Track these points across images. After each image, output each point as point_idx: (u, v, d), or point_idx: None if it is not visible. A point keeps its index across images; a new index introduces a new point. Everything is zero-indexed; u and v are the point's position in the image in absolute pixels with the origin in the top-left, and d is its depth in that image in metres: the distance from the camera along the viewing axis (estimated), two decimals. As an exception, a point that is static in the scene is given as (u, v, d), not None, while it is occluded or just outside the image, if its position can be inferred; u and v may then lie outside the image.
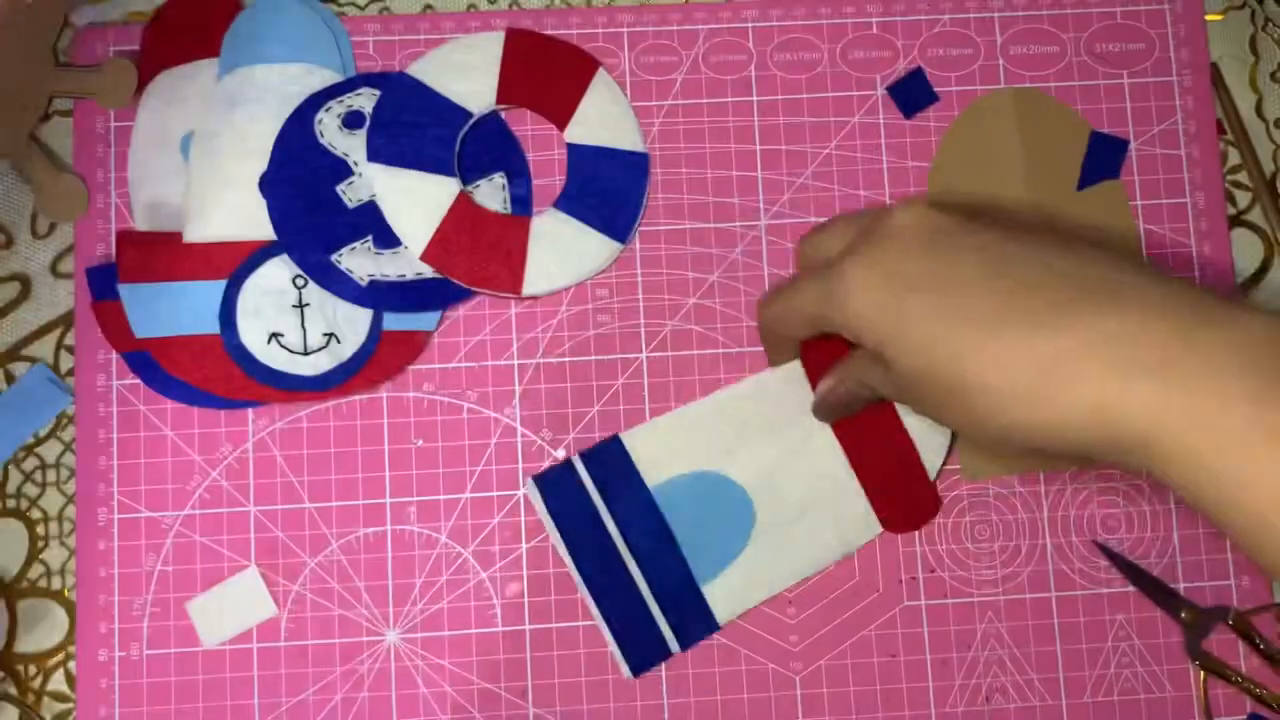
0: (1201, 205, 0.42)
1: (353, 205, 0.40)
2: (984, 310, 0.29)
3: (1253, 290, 0.43)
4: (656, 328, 0.41)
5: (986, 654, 0.40)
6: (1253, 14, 0.44)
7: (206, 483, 0.39)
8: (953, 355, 0.29)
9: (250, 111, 0.40)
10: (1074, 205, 0.42)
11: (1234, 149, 0.43)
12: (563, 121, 0.42)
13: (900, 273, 0.31)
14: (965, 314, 0.29)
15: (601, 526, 0.39)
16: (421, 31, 0.42)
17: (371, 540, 0.39)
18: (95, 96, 0.41)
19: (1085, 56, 0.43)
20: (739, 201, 0.42)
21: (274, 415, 0.40)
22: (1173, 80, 0.43)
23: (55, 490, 0.40)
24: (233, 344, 0.39)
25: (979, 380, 0.29)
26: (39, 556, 0.39)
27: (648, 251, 0.41)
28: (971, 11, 0.43)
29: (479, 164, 0.41)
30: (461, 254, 0.40)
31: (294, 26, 0.41)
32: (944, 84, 0.43)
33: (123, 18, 0.42)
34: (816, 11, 0.43)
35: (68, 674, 0.39)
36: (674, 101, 0.42)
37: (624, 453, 0.39)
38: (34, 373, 0.40)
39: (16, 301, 0.41)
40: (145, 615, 0.39)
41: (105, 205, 0.41)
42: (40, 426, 0.40)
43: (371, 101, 0.41)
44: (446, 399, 0.40)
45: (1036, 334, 0.28)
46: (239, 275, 0.40)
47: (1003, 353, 0.28)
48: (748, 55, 0.43)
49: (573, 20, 0.42)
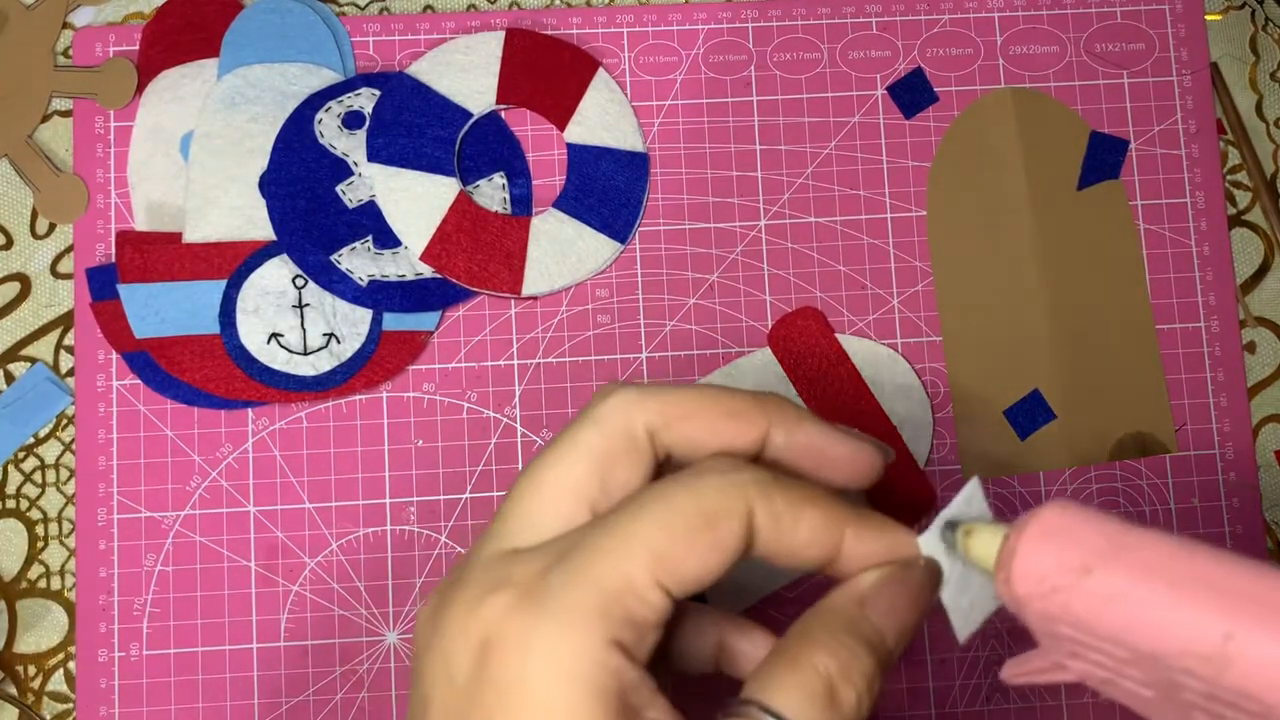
0: (1201, 205, 0.42)
1: (352, 205, 0.40)
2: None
3: (1253, 290, 0.42)
4: (656, 328, 0.41)
5: (986, 654, 0.40)
6: (1253, 14, 0.44)
7: (206, 483, 0.39)
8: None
9: (250, 111, 0.40)
10: (1074, 205, 0.42)
11: (1234, 149, 0.43)
12: (562, 121, 0.42)
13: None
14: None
15: None
16: (421, 31, 0.42)
17: (371, 540, 0.39)
18: (95, 96, 0.41)
19: (1085, 56, 0.43)
20: (739, 201, 0.42)
21: (274, 415, 0.40)
22: (1173, 80, 0.43)
23: (55, 490, 0.40)
24: (232, 344, 0.39)
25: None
26: (39, 557, 0.39)
27: (648, 251, 0.41)
28: (971, 11, 0.43)
29: (479, 164, 0.41)
30: (461, 254, 0.40)
31: (294, 26, 0.41)
32: (944, 84, 0.43)
33: (122, 18, 0.42)
34: (816, 11, 0.43)
35: (67, 674, 0.39)
36: (674, 101, 0.42)
37: None
38: (33, 373, 0.40)
39: (16, 302, 0.41)
40: (145, 615, 0.39)
41: (105, 205, 0.41)
42: (40, 427, 0.40)
43: (371, 101, 0.41)
44: (446, 399, 0.40)
45: None
46: (239, 275, 0.40)
47: None
48: (747, 55, 0.43)
49: (573, 20, 0.42)
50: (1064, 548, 0.22)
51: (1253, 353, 0.42)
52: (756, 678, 0.24)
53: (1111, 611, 0.21)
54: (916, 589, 0.26)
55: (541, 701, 0.23)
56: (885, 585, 0.26)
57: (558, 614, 0.23)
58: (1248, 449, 0.41)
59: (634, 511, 0.25)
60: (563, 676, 0.23)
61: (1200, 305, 0.42)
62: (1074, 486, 0.41)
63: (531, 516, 0.26)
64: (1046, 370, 0.41)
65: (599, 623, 0.23)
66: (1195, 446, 0.41)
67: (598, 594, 0.23)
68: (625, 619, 0.23)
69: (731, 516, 0.24)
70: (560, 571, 0.24)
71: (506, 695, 0.23)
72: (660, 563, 0.24)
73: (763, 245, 0.41)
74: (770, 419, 0.27)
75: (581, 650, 0.23)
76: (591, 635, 0.23)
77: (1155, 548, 0.22)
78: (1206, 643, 0.20)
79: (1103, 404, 0.41)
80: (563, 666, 0.23)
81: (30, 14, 0.42)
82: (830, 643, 0.25)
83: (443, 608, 0.25)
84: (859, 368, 0.40)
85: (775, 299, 0.41)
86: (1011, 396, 0.41)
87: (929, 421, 0.40)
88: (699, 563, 0.24)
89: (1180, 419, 0.41)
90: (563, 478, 0.26)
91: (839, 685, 0.24)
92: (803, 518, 0.25)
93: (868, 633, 0.25)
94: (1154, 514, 0.41)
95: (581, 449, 0.26)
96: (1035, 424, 0.41)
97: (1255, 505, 0.41)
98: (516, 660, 0.23)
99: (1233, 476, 0.41)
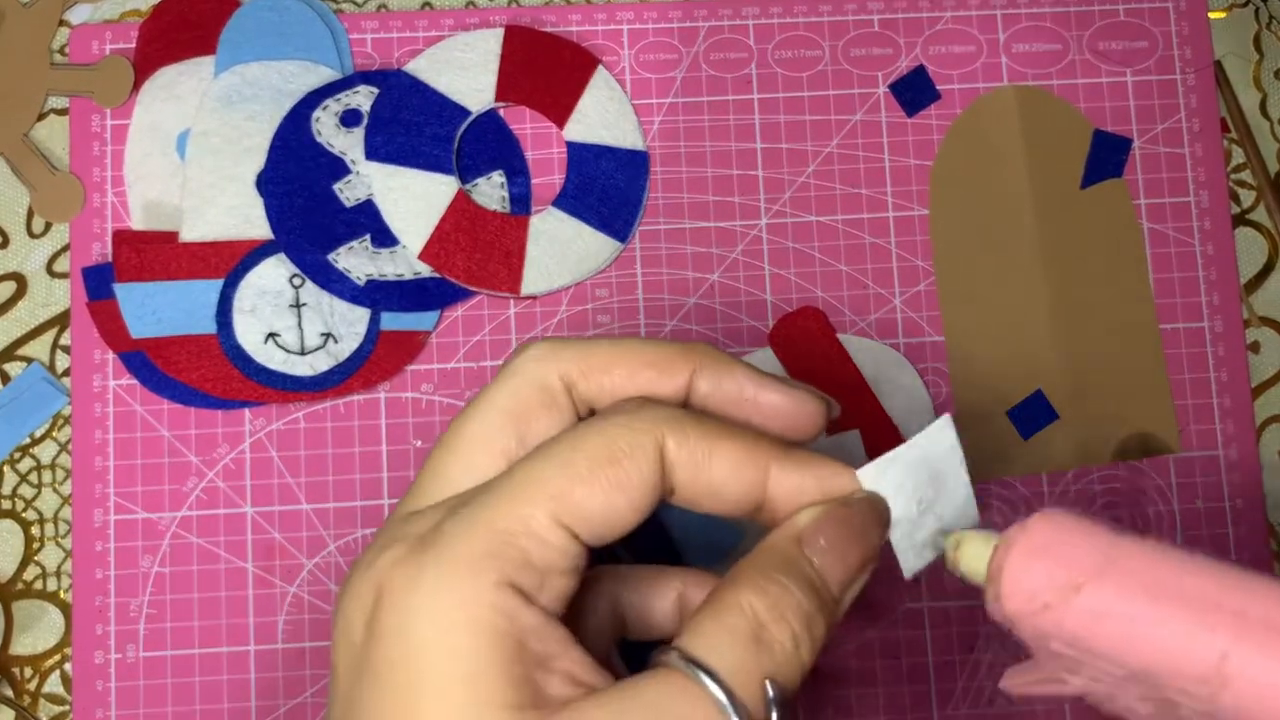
0: (1205, 204, 0.42)
1: (350, 204, 0.40)
2: None
3: (1257, 290, 0.42)
4: (656, 328, 0.41)
5: (990, 656, 0.39)
6: (1257, 12, 0.44)
7: (203, 484, 0.39)
8: None
9: (247, 110, 0.40)
10: (1077, 204, 0.42)
11: (1238, 147, 0.43)
12: (562, 119, 0.41)
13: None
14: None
15: None
16: (420, 29, 0.42)
17: (370, 542, 0.39)
18: (91, 95, 0.41)
19: (1088, 54, 0.43)
20: (739, 200, 0.41)
21: (271, 416, 0.40)
22: (1176, 78, 0.43)
23: (51, 491, 0.40)
24: (229, 344, 0.39)
25: None
26: (34, 558, 0.39)
27: (647, 251, 0.41)
28: (974, 9, 0.43)
29: (477, 162, 0.41)
30: (460, 253, 0.40)
31: (291, 24, 0.41)
32: (946, 82, 0.42)
33: (119, 15, 0.42)
34: (817, 8, 0.43)
35: (64, 676, 0.39)
36: (674, 99, 0.42)
37: None
38: (29, 373, 0.40)
39: (12, 301, 0.40)
40: (142, 617, 0.38)
41: (101, 204, 0.40)
42: (36, 427, 0.40)
43: (369, 99, 0.41)
44: (445, 399, 0.40)
45: None
46: (235, 275, 0.39)
47: None
48: (748, 53, 0.42)
49: (572, 17, 0.42)
50: (1053, 564, 0.22)
51: (1257, 353, 0.42)
52: (686, 624, 0.23)
53: (1103, 629, 0.21)
54: (859, 525, 0.25)
55: (428, 649, 0.22)
56: (823, 521, 0.24)
57: (443, 560, 0.22)
58: (1251, 450, 0.41)
59: (537, 455, 0.24)
60: (445, 620, 0.22)
61: (1204, 305, 0.42)
62: (1077, 487, 0.40)
63: (447, 473, 0.25)
64: (1049, 370, 0.41)
65: (488, 564, 0.22)
66: (1198, 447, 0.41)
67: (488, 537, 0.23)
68: (520, 561, 0.22)
69: (636, 451, 0.23)
70: (454, 520, 0.23)
71: (392, 645, 0.22)
72: (560, 503, 0.23)
73: (764, 244, 0.41)
74: (696, 367, 0.26)
75: (468, 594, 0.22)
76: (479, 578, 0.22)
77: (1148, 561, 0.21)
78: (1202, 663, 0.20)
79: (1106, 404, 0.41)
80: (446, 610, 0.22)
81: (26, 11, 0.41)
82: (759, 580, 0.23)
83: (349, 575, 0.25)
84: (860, 368, 0.40)
85: (776, 298, 0.41)
86: (1014, 397, 0.41)
87: (926, 417, 0.40)
88: (604, 502, 0.23)
89: (1183, 420, 0.41)
90: (476, 434, 0.25)
91: (768, 624, 0.23)
92: (718, 451, 0.24)
93: (805, 571, 0.24)
94: (1157, 515, 0.40)
95: (496, 403, 0.26)
96: (1038, 424, 0.41)
97: (1259, 507, 0.41)
98: (401, 609, 0.22)
99: (1236, 478, 0.41)
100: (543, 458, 0.24)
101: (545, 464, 0.24)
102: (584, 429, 0.24)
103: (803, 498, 0.25)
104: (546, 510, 0.23)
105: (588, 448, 0.23)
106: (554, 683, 0.22)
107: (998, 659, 0.39)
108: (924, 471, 0.26)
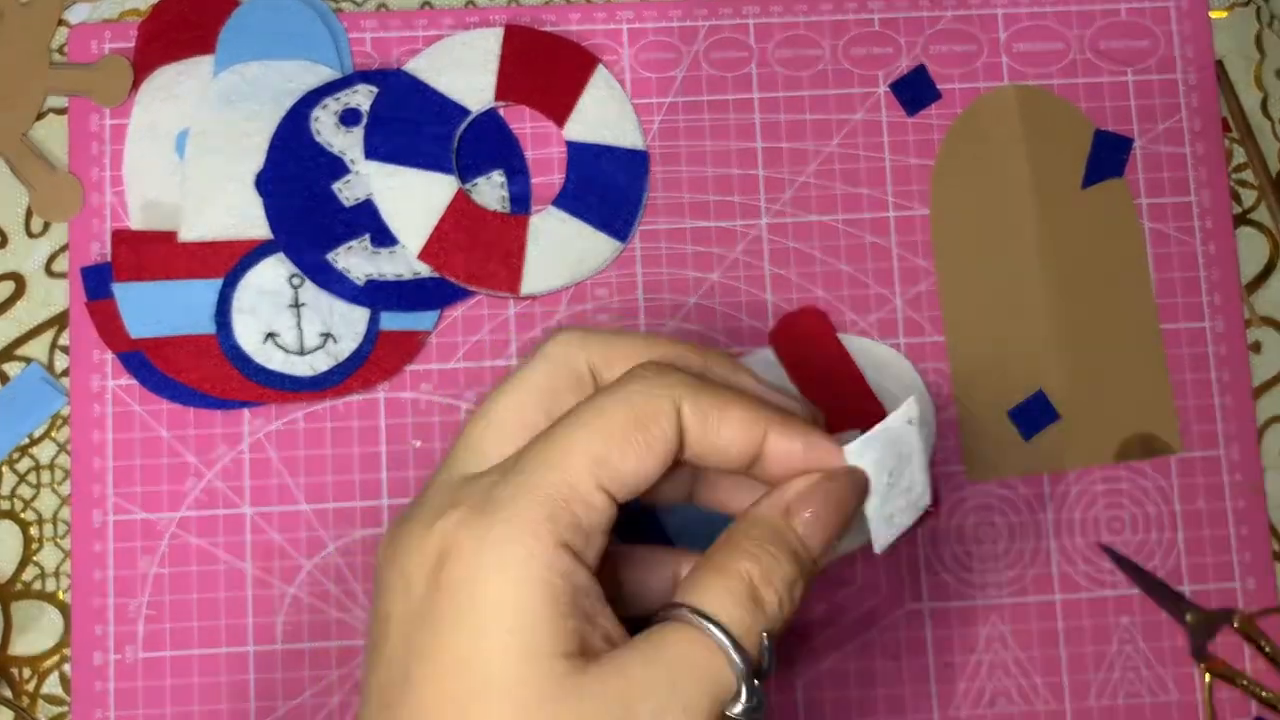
0: (1206, 204, 0.42)
1: (349, 204, 0.40)
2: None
3: (1258, 290, 0.42)
4: (656, 328, 0.41)
5: (990, 657, 0.39)
6: (1258, 11, 0.44)
7: (202, 484, 0.39)
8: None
9: (246, 109, 0.40)
10: (1078, 204, 0.42)
11: (1239, 147, 0.43)
12: (562, 119, 0.41)
13: None
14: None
15: None
16: (419, 28, 0.42)
17: (369, 542, 0.39)
18: (90, 94, 0.41)
19: (1089, 54, 0.43)
20: (740, 200, 0.41)
21: (270, 416, 0.40)
22: (1177, 78, 0.43)
23: (50, 492, 0.39)
24: (228, 344, 0.39)
25: None
26: (33, 559, 0.39)
27: (648, 251, 0.41)
28: (975, 8, 0.43)
29: (477, 162, 0.41)
30: (459, 253, 0.40)
31: (290, 23, 0.41)
32: (947, 81, 0.42)
33: (118, 14, 0.42)
34: (818, 8, 0.43)
35: (62, 677, 0.39)
36: (674, 99, 0.42)
37: None
38: (28, 373, 0.40)
39: (10, 301, 0.40)
40: (140, 618, 0.38)
41: (100, 204, 0.40)
42: (34, 427, 0.40)
43: (368, 99, 0.40)
44: (444, 400, 0.40)
45: None
46: (234, 274, 0.39)
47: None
48: (749, 52, 0.42)
49: (572, 16, 0.42)
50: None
51: (1258, 353, 0.42)
52: (686, 584, 0.26)
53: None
54: (841, 498, 0.28)
55: (494, 601, 0.24)
56: (809, 494, 0.27)
57: (507, 521, 0.25)
58: (1253, 450, 0.41)
59: (571, 422, 0.26)
60: (513, 577, 0.24)
61: (1205, 305, 0.42)
62: (1078, 488, 0.40)
63: (483, 445, 0.28)
64: (1050, 370, 0.41)
65: (547, 527, 0.25)
66: (1200, 447, 0.41)
67: (544, 500, 0.25)
68: (572, 523, 0.25)
69: (660, 416, 0.26)
70: (506, 485, 0.26)
71: (460, 598, 0.25)
72: (600, 466, 0.26)
73: (764, 244, 0.41)
74: (706, 366, 0.29)
75: (531, 553, 0.25)
76: (541, 539, 0.25)
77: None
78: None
79: (1107, 404, 0.41)
80: (513, 568, 0.25)
81: (25, 10, 0.41)
82: (754, 549, 0.26)
83: (399, 533, 0.27)
84: (861, 368, 0.40)
85: (777, 298, 0.41)
86: (1015, 397, 0.41)
87: (932, 422, 0.40)
88: (636, 463, 0.26)
89: (1185, 420, 0.41)
90: (511, 409, 0.28)
91: (761, 588, 0.26)
92: (727, 415, 0.27)
93: (791, 541, 0.27)
94: (1158, 515, 0.40)
95: (529, 383, 0.28)
96: (1039, 425, 0.41)
97: (1260, 507, 0.41)
98: (470, 565, 0.25)
99: (1238, 478, 0.41)
100: (579, 424, 0.26)
101: (582, 430, 0.26)
102: (608, 397, 0.27)
103: (792, 460, 0.28)
104: (589, 473, 0.25)
105: (617, 415, 0.26)
106: (595, 636, 0.25)
107: (999, 660, 0.39)
108: (894, 449, 0.29)
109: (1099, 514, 0.40)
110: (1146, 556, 0.40)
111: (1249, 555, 0.40)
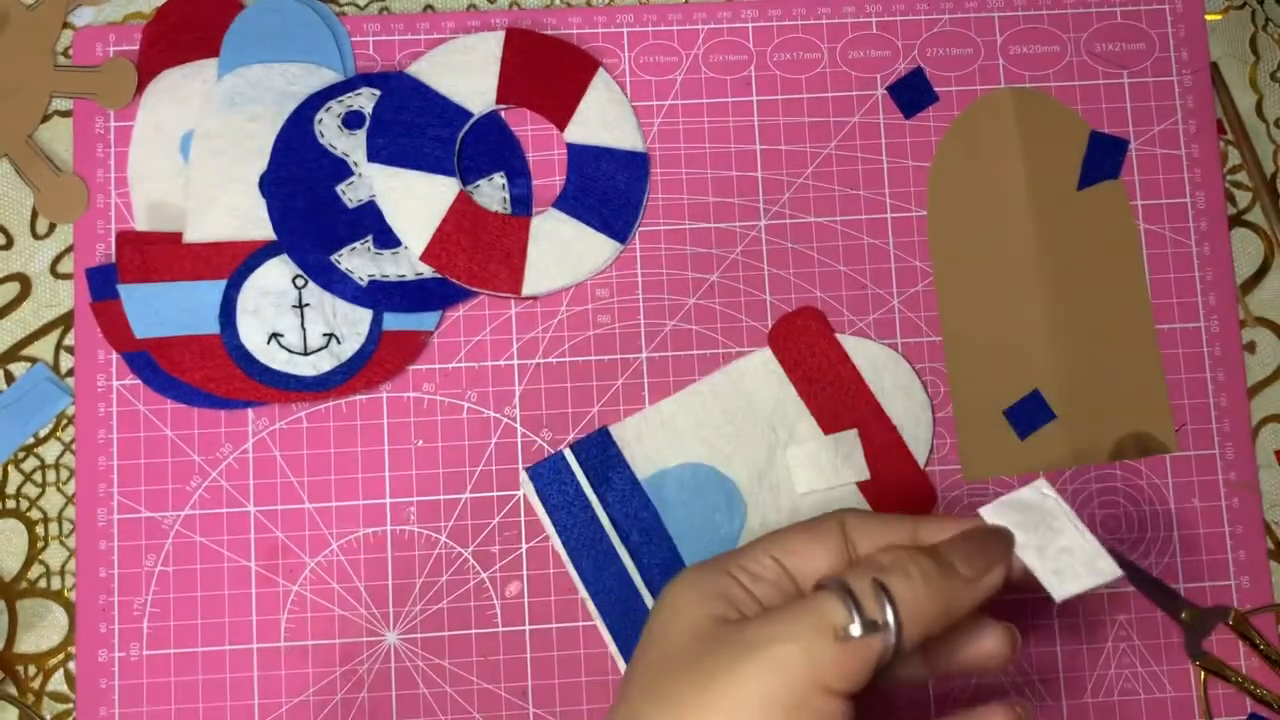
0: (1201, 205, 0.42)
1: (352, 205, 0.40)
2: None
3: (1253, 290, 0.42)
4: (656, 328, 0.41)
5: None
6: (1253, 14, 0.44)
7: (206, 483, 0.39)
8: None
9: (250, 111, 0.40)
10: (1074, 205, 0.42)
11: (1234, 149, 0.43)
12: (562, 121, 0.42)
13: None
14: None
15: (595, 519, 0.39)
16: (421, 31, 0.42)
17: (371, 540, 0.39)
18: (95, 96, 0.41)
19: (1085, 56, 0.43)
20: (739, 201, 0.42)
21: (274, 415, 0.40)
22: (1173, 80, 0.43)
23: (55, 490, 0.40)
24: (232, 344, 0.39)
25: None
26: (39, 557, 0.39)
27: (648, 251, 0.41)
28: (971, 11, 0.43)
29: (479, 164, 0.41)
30: (461, 254, 0.40)
31: (294, 26, 0.41)
32: (944, 84, 0.43)
33: (122, 17, 0.42)
34: (816, 11, 0.43)
35: (67, 674, 0.39)
36: (674, 101, 0.42)
37: (612, 444, 0.39)
38: (34, 373, 0.40)
39: (16, 302, 0.41)
40: (145, 615, 0.39)
41: (105, 205, 0.41)
42: (40, 427, 0.40)
43: (371, 101, 0.41)
44: (446, 399, 0.40)
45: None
46: (239, 275, 0.40)
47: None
48: (747, 55, 0.43)
49: (573, 20, 0.42)
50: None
51: (1253, 353, 0.42)
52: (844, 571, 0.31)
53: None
54: (979, 539, 0.32)
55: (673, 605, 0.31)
56: (957, 537, 0.32)
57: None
58: (1247, 449, 0.41)
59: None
60: (686, 597, 0.31)
61: (1200, 305, 0.42)
62: (1074, 486, 0.41)
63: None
64: (1046, 370, 0.41)
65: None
66: (1195, 446, 0.41)
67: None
68: (732, 580, 0.32)
69: (826, 521, 0.32)
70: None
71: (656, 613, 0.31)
72: (778, 548, 0.32)
73: (763, 245, 0.41)
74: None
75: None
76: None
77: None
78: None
79: (1103, 404, 0.41)
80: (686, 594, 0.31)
81: (31, 14, 0.42)
82: (901, 555, 0.31)
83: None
84: (859, 367, 0.40)
85: (775, 299, 0.41)
86: (1011, 396, 0.41)
87: (929, 421, 0.40)
88: (803, 544, 0.32)
89: (1180, 419, 0.41)
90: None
91: (888, 566, 0.30)
92: (876, 527, 0.32)
93: (931, 553, 0.31)
94: (1154, 514, 0.41)
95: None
96: (1035, 424, 0.41)
97: (1255, 505, 0.41)
98: (663, 599, 0.31)
99: (1233, 476, 0.41)
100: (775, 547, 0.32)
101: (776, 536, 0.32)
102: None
103: (940, 537, 0.32)
104: (767, 553, 0.32)
105: (799, 527, 0.32)
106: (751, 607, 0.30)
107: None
108: (1026, 513, 0.32)
109: (1095, 512, 0.41)
110: (1142, 554, 0.40)
111: (1243, 553, 0.41)
